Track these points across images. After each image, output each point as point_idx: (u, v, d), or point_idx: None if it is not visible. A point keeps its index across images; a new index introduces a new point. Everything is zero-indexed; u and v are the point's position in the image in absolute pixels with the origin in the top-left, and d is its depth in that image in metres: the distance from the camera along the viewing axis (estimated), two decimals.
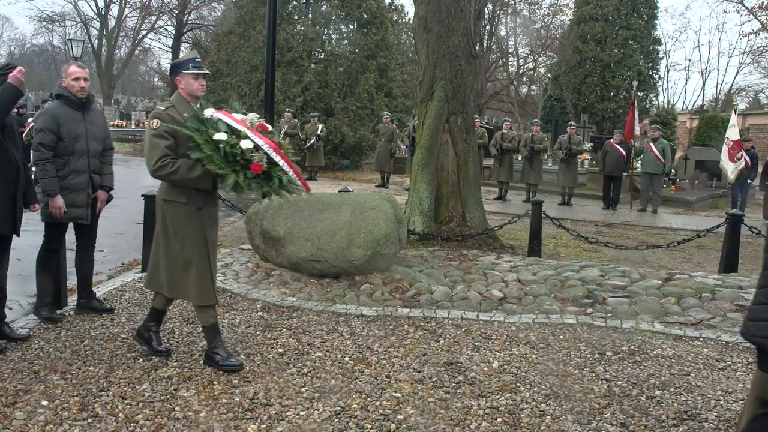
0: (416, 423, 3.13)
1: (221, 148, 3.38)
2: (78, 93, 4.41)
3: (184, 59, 3.72)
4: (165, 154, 3.48)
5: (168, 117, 3.53)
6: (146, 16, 33.53)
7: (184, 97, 3.68)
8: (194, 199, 3.62)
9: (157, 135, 3.51)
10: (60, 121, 4.32)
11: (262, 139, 3.45)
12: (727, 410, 3.36)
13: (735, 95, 35.66)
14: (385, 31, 19.79)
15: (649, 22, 22.88)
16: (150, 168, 3.52)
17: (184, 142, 3.49)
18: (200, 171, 3.47)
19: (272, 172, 3.47)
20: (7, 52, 54.64)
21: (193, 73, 3.63)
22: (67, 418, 3.06)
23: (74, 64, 4.53)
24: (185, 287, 3.70)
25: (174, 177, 3.50)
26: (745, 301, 5.01)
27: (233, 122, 3.48)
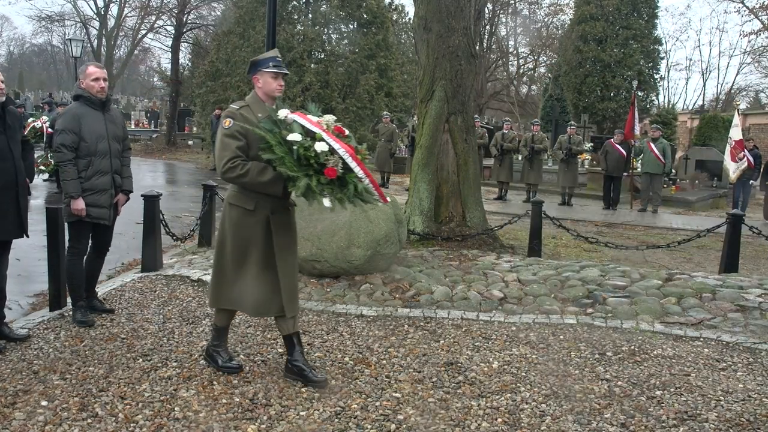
0: (416, 423, 3.12)
1: (294, 150, 3.20)
2: (98, 93, 4.38)
3: (265, 57, 3.54)
4: (236, 155, 3.30)
5: (241, 117, 3.37)
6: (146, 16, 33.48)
7: (260, 96, 3.52)
8: (263, 205, 3.42)
9: (229, 135, 3.34)
10: (81, 121, 4.30)
11: (338, 143, 3.26)
12: (728, 410, 3.35)
13: (736, 95, 35.66)
14: (386, 31, 19.80)
15: (650, 21, 22.87)
16: (219, 168, 3.35)
17: (255, 144, 3.32)
18: (271, 175, 3.29)
19: (347, 178, 3.25)
20: (7, 52, 54.66)
21: (273, 72, 3.47)
22: (67, 419, 3.06)
23: (92, 65, 4.49)
24: (245, 301, 3.50)
25: (243, 180, 3.31)
26: (746, 302, 5.01)
27: (308, 124, 3.31)
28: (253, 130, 3.31)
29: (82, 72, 4.45)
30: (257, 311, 3.52)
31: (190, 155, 22.75)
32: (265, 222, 3.44)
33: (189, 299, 5.14)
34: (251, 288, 3.47)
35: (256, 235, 3.44)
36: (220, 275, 3.55)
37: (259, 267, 3.46)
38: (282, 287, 3.46)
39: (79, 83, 4.45)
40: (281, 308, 3.48)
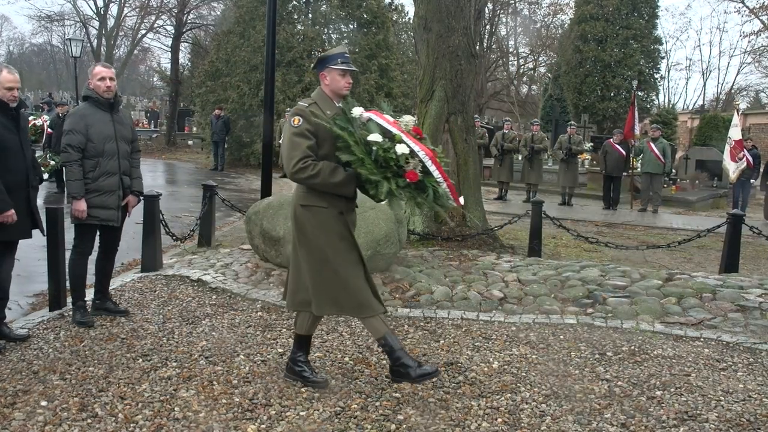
0: (416, 423, 3.12)
1: (373, 152, 3.08)
2: (104, 93, 4.37)
3: (333, 53, 3.40)
4: (306, 154, 3.17)
5: (311, 115, 3.24)
6: (145, 16, 33.47)
7: (327, 94, 3.38)
8: (335, 204, 3.31)
9: (299, 134, 3.20)
10: (88, 122, 4.29)
11: (418, 145, 3.14)
12: (728, 411, 3.35)
13: (736, 95, 35.65)
14: (386, 31, 19.78)
15: (650, 21, 22.85)
16: (289, 169, 3.22)
17: (325, 143, 3.22)
18: (343, 175, 3.19)
19: (426, 181, 3.14)
20: (6, 52, 54.64)
21: (342, 69, 3.33)
22: (67, 419, 3.06)
23: (99, 65, 4.48)
24: (338, 300, 3.33)
25: (314, 180, 3.19)
26: (746, 302, 5.00)
27: (386, 123, 3.18)
28: (328, 128, 3.18)
29: (90, 72, 4.44)
30: (361, 310, 3.37)
31: (190, 155, 22.76)
32: (339, 217, 3.34)
33: (189, 299, 5.14)
34: (358, 285, 3.32)
35: (338, 230, 3.32)
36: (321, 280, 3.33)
37: (353, 261, 3.34)
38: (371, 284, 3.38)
39: (87, 83, 4.44)
40: (381, 304, 3.40)
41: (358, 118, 3.22)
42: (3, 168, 3.88)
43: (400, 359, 3.42)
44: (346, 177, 3.21)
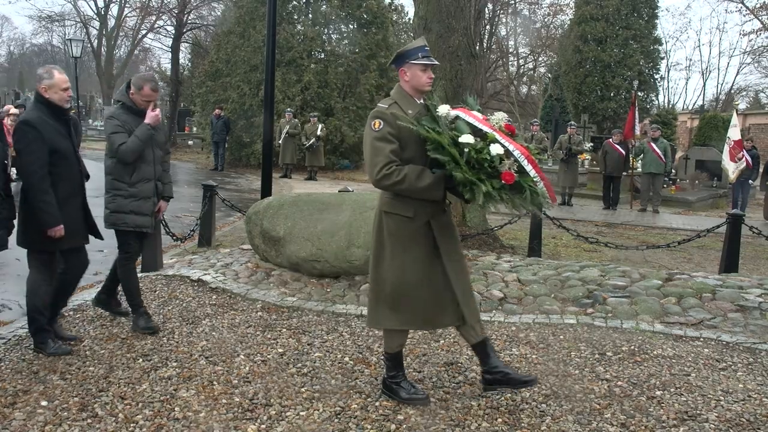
0: (416, 423, 3.12)
1: (465, 153, 2.92)
2: (143, 106, 4.27)
3: (412, 47, 3.20)
4: (390, 159, 3.02)
5: (392, 117, 3.07)
6: (146, 16, 33.47)
7: (407, 91, 3.20)
8: (422, 211, 3.14)
9: (381, 138, 3.05)
10: (127, 126, 4.18)
11: (513, 144, 2.99)
12: (728, 411, 3.35)
13: (735, 95, 35.65)
14: (386, 31, 19.78)
15: (650, 21, 22.84)
16: (373, 176, 3.06)
17: (409, 145, 3.07)
18: (430, 179, 3.03)
19: (522, 182, 2.97)
20: (7, 52, 54.66)
21: (423, 63, 3.14)
22: (67, 419, 3.06)
23: (148, 86, 4.24)
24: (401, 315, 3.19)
25: (401, 186, 3.03)
26: (746, 302, 5.00)
27: (476, 122, 3.03)
28: (415, 130, 3.02)
29: (137, 85, 4.23)
30: (433, 323, 3.25)
31: (190, 155, 22.76)
32: (426, 228, 3.17)
33: (189, 299, 5.14)
34: (423, 300, 3.18)
35: (420, 243, 3.16)
36: (389, 292, 3.19)
37: (427, 276, 3.17)
38: (458, 293, 3.19)
39: (128, 92, 4.27)
40: (459, 317, 3.22)
41: (444, 116, 3.07)
42: (57, 176, 3.77)
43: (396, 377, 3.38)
44: (434, 180, 3.04)
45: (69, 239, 3.86)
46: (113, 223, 4.25)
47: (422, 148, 3.07)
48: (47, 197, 3.69)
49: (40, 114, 3.78)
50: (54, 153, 3.74)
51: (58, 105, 3.82)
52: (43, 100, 3.80)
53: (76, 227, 3.91)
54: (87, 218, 4.01)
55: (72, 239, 3.90)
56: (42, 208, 3.68)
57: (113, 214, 4.23)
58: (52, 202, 3.70)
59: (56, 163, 3.76)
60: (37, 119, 3.75)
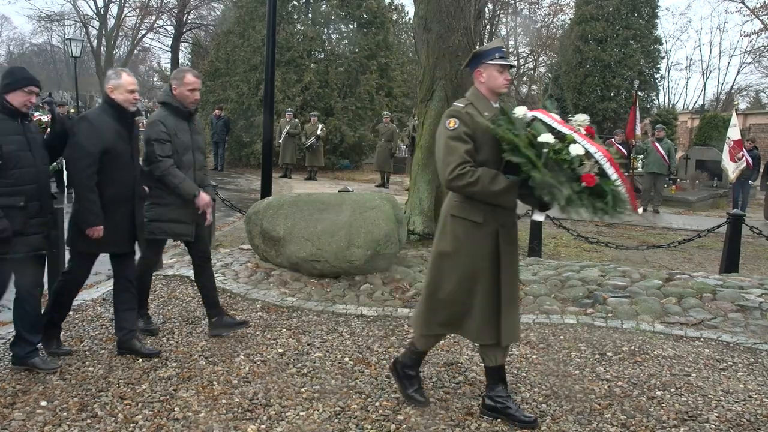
0: (416, 423, 3.12)
1: (543, 154, 2.80)
2: (191, 104, 4.15)
3: (489, 48, 3.11)
4: (464, 160, 2.91)
5: (468, 116, 2.98)
6: (145, 16, 33.51)
7: (482, 93, 3.10)
8: (492, 218, 3.03)
9: (455, 137, 2.95)
10: (171, 131, 4.02)
11: (594, 146, 2.87)
12: (728, 411, 3.35)
13: (736, 95, 35.64)
14: (386, 31, 19.78)
15: (650, 21, 22.87)
16: (445, 176, 2.95)
17: (484, 147, 2.97)
18: (504, 183, 2.92)
19: (604, 186, 2.83)
20: (6, 52, 54.64)
21: (500, 64, 3.05)
22: (66, 419, 3.06)
23: (190, 73, 4.18)
24: (465, 323, 3.11)
25: (473, 189, 2.92)
26: (746, 302, 5.00)
27: (555, 123, 2.92)
28: (491, 130, 2.93)
29: (179, 79, 4.10)
30: (480, 337, 3.11)
31: None
32: (494, 236, 3.05)
33: (189, 299, 5.13)
34: (476, 310, 3.07)
35: (484, 251, 3.05)
36: (440, 297, 3.13)
37: (486, 286, 3.07)
38: (504, 311, 3.06)
39: (171, 89, 4.13)
40: (496, 336, 3.07)
41: (521, 118, 2.96)
42: (108, 179, 3.68)
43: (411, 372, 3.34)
44: (508, 185, 2.92)
45: (111, 244, 3.77)
46: (152, 233, 4.07)
47: (497, 151, 2.96)
48: (91, 195, 3.62)
49: (102, 113, 3.74)
50: (107, 153, 3.64)
51: (122, 106, 3.74)
52: (109, 101, 3.75)
53: (120, 232, 3.79)
54: (135, 226, 3.86)
55: (115, 244, 3.79)
56: (85, 205, 3.63)
57: (152, 223, 4.06)
58: (96, 201, 3.63)
59: (108, 165, 3.66)
60: (96, 117, 3.71)
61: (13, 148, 3.41)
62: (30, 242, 3.50)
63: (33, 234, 3.51)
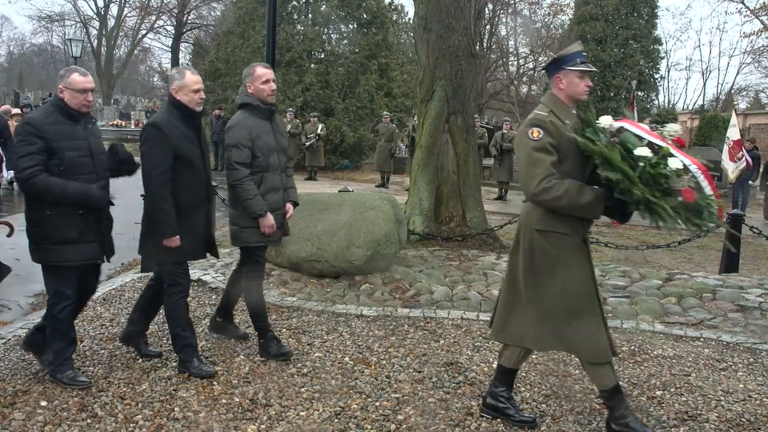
0: (416, 423, 3.12)
1: (639, 168, 2.66)
2: (268, 98, 3.86)
3: (570, 52, 2.98)
4: (551, 172, 2.77)
5: (552, 126, 2.84)
6: (146, 16, 33.54)
7: (561, 99, 2.97)
8: (578, 229, 2.93)
9: (540, 148, 2.81)
10: (253, 134, 3.77)
11: (688, 158, 2.73)
12: (728, 411, 3.35)
13: (736, 95, 35.65)
14: (386, 32, 19.79)
15: (650, 21, 22.88)
16: (530, 189, 2.81)
17: (568, 158, 2.84)
18: (591, 195, 2.79)
19: (700, 200, 2.68)
20: (7, 52, 54.67)
21: (581, 70, 2.92)
22: (66, 419, 3.06)
23: (260, 65, 3.89)
24: (565, 337, 2.94)
25: (560, 202, 2.78)
26: (746, 302, 5.00)
27: (645, 134, 2.77)
28: (581, 143, 2.79)
29: (250, 75, 3.85)
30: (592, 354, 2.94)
31: None
32: (582, 246, 2.97)
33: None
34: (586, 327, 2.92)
35: (580, 263, 2.95)
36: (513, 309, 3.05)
37: (589, 299, 2.97)
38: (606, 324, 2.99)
39: (245, 88, 3.88)
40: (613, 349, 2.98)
41: (607, 128, 2.83)
42: (183, 185, 3.52)
43: (626, 419, 2.96)
44: (595, 197, 2.80)
45: (190, 252, 3.64)
46: (244, 241, 3.87)
47: (581, 161, 2.87)
48: (166, 205, 3.45)
49: (169, 116, 3.55)
50: (178, 159, 3.48)
51: (188, 107, 3.55)
52: (174, 102, 3.56)
53: (197, 240, 3.66)
54: (209, 232, 3.75)
55: (194, 252, 3.68)
56: (159, 216, 3.46)
57: (243, 230, 3.84)
58: (171, 212, 3.46)
59: (181, 170, 3.50)
60: (164, 121, 3.52)
61: (74, 155, 3.29)
62: (84, 250, 3.38)
63: (88, 242, 3.39)
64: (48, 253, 3.33)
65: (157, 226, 3.50)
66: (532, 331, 2.98)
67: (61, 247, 3.31)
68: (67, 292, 3.42)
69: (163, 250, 3.52)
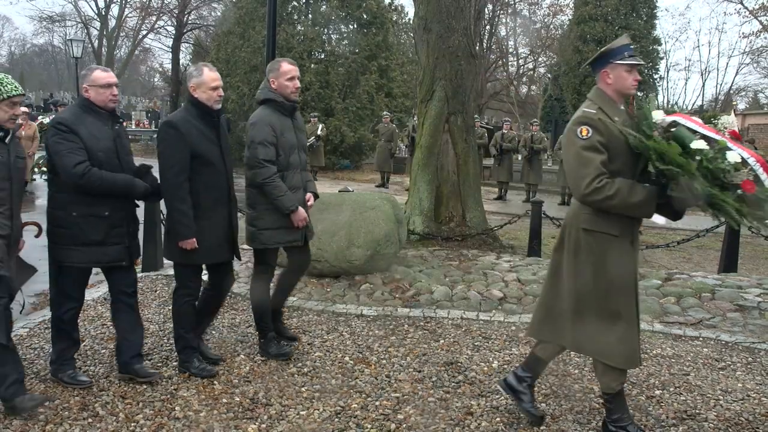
0: (416, 423, 3.13)
1: (696, 162, 2.59)
2: (292, 95, 3.79)
3: (617, 46, 2.90)
4: (601, 172, 2.70)
5: (601, 123, 2.76)
6: (146, 17, 33.55)
7: (609, 95, 2.90)
8: (628, 229, 2.85)
9: (590, 147, 2.73)
10: (276, 131, 3.71)
11: (746, 151, 2.68)
12: (727, 410, 3.36)
13: (734, 95, 35.65)
14: (386, 32, 19.82)
15: (649, 22, 22.89)
16: (580, 190, 2.74)
17: (618, 156, 2.76)
18: (643, 194, 2.72)
19: (760, 193, 2.62)
20: (8, 52, 54.68)
21: (629, 63, 2.86)
22: (68, 418, 3.07)
23: (285, 61, 3.81)
24: (600, 343, 2.86)
25: (612, 202, 2.71)
26: (745, 301, 5.01)
27: (700, 128, 2.72)
28: (636, 138, 2.71)
29: (275, 70, 3.77)
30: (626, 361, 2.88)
31: None
32: (629, 249, 2.90)
33: None
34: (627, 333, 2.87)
35: (625, 266, 2.88)
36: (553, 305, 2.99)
37: (634, 300, 2.92)
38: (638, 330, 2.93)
39: (269, 83, 3.80)
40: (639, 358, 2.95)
41: (659, 122, 2.76)
42: (201, 185, 3.45)
43: (623, 422, 2.95)
44: (647, 195, 2.73)
45: (209, 254, 3.55)
46: (263, 242, 3.80)
47: (631, 159, 2.79)
48: (183, 206, 3.39)
49: (186, 115, 3.47)
50: (196, 158, 3.41)
51: (206, 105, 3.46)
52: (192, 100, 3.48)
53: (218, 241, 3.56)
54: (232, 233, 3.65)
55: (213, 254, 3.57)
56: (176, 217, 3.41)
57: (263, 231, 3.79)
58: (188, 212, 3.40)
59: (199, 170, 3.43)
60: (181, 120, 3.43)
61: (102, 156, 3.25)
62: (109, 253, 3.34)
63: (113, 244, 3.35)
64: (72, 254, 3.28)
65: (174, 227, 3.45)
66: (568, 331, 2.94)
67: (85, 248, 3.27)
68: (75, 295, 3.43)
69: (184, 252, 3.47)
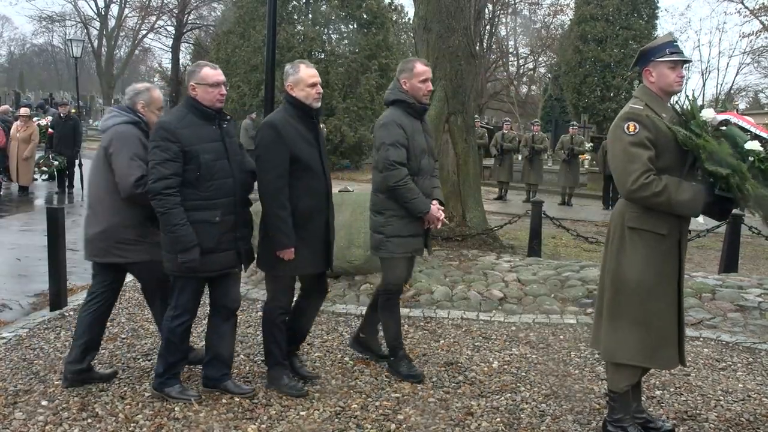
0: (416, 423, 3.13)
1: (749, 162, 2.58)
2: (424, 98, 3.60)
3: (659, 44, 2.87)
4: (648, 168, 2.66)
5: (649, 120, 2.72)
6: (146, 16, 33.54)
7: (655, 92, 2.85)
8: (676, 229, 2.79)
9: (637, 143, 2.69)
10: (408, 133, 3.48)
11: None
12: (728, 410, 3.36)
13: (735, 95, 35.63)
14: (386, 32, 19.82)
15: (650, 22, 22.87)
16: (627, 186, 2.69)
17: (665, 153, 2.72)
18: (691, 192, 2.68)
19: None
20: (7, 52, 54.69)
21: (671, 60, 2.79)
22: (67, 418, 3.07)
23: (420, 62, 3.60)
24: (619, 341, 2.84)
25: (658, 199, 2.66)
26: (745, 301, 5.01)
27: (753, 127, 2.71)
28: (685, 136, 2.67)
29: (408, 70, 3.55)
30: (673, 361, 2.87)
31: None
32: (676, 249, 2.83)
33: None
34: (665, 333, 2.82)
35: (670, 267, 2.82)
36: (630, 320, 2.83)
37: (674, 303, 2.84)
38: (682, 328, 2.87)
39: (399, 84, 3.60)
40: (683, 357, 2.90)
41: (709, 121, 2.73)
42: (299, 189, 3.25)
43: (623, 423, 2.92)
44: (694, 193, 2.68)
45: (308, 264, 3.35)
46: (391, 251, 3.53)
47: (678, 156, 2.75)
48: (282, 213, 3.18)
49: (285, 115, 3.28)
50: (296, 162, 3.21)
51: (305, 104, 3.27)
52: (290, 99, 3.29)
53: (318, 250, 3.37)
54: (329, 242, 3.44)
55: (312, 264, 3.38)
56: (275, 224, 3.19)
57: (391, 239, 3.52)
58: (287, 220, 3.18)
59: (298, 174, 3.24)
60: (281, 121, 3.25)
61: (210, 157, 3.06)
62: (220, 260, 3.16)
63: (224, 251, 3.17)
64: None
65: (272, 235, 3.24)
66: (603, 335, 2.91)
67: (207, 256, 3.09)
68: (191, 307, 3.29)
69: (280, 261, 3.26)
